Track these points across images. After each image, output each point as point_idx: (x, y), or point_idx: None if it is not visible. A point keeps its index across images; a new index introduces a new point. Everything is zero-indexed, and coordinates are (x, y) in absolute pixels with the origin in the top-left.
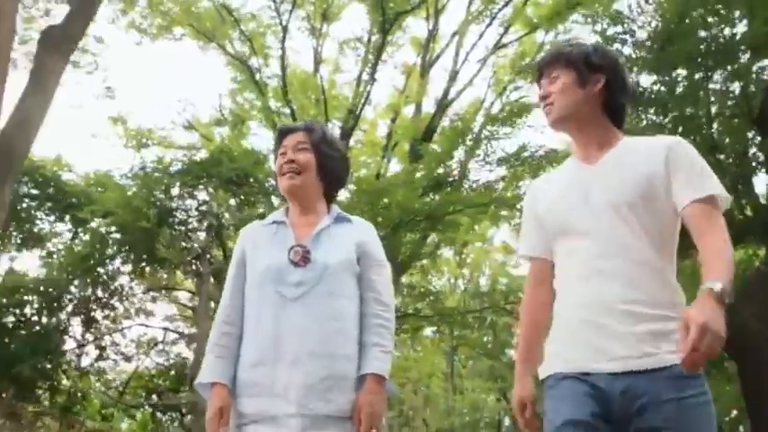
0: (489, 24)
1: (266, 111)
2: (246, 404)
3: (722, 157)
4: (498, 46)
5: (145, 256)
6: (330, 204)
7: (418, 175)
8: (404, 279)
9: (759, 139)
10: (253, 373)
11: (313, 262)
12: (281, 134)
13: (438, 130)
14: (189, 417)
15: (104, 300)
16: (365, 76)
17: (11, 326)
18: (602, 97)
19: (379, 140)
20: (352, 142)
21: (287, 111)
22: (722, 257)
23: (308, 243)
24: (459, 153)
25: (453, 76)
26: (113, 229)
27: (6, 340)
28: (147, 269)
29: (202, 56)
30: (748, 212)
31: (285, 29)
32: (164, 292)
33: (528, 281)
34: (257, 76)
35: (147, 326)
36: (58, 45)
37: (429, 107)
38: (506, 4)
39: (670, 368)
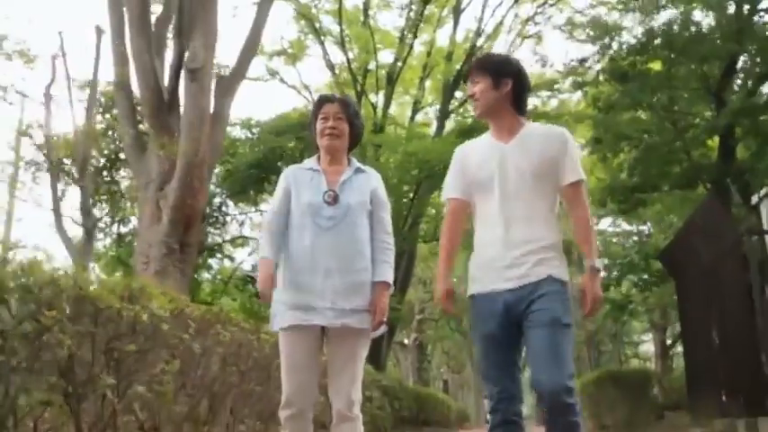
0: None
1: (326, 57)
2: (293, 296)
3: (683, 123)
4: None
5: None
6: (349, 157)
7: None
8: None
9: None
10: (298, 276)
11: (340, 202)
12: (322, 102)
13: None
14: None
15: (214, 216)
16: (408, 34)
17: None
18: (511, 95)
19: (417, 71)
20: None
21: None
22: (591, 237)
23: (337, 188)
24: None
25: (479, 32)
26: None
27: None
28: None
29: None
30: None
31: None
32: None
33: (450, 212)
34: (317, 25)
35: (245, 237)
36: (227, 90)
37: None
38: None
39: (548, 278)
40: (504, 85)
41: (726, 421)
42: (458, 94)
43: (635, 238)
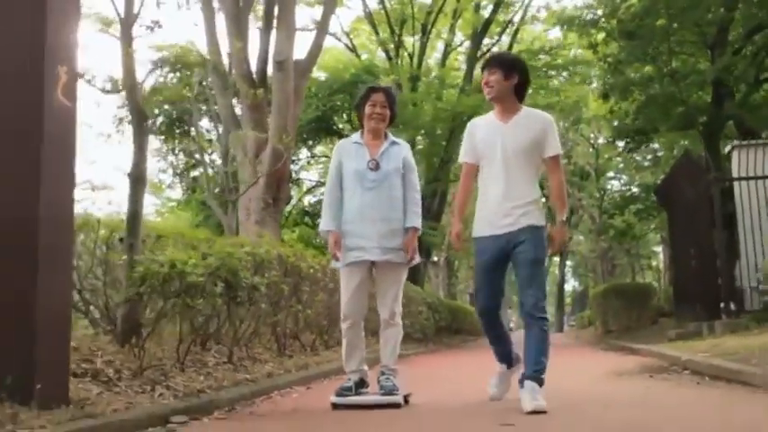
0: None
1: (369, 15)
2: (349, 240)
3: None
4: None
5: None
6: (386, 131)
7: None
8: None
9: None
10: (351, 225)
11: (381, 169)
12: (372, 90)
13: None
14: None
15: None
16: None
17: None
18: (516, 86)
19: (448, 18)
20: None
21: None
22: (563, 197)
23: (378, 157)
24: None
25: None
26: None
27: None
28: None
29: None
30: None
31: None
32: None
33: (464, 174)
34: None
35: (300, 178)
36: (304, 72)
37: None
38: None
39: (528, 226)
40: (512, 78)
41: (695, 324)
42: (486, 40)
43: (649, 156)
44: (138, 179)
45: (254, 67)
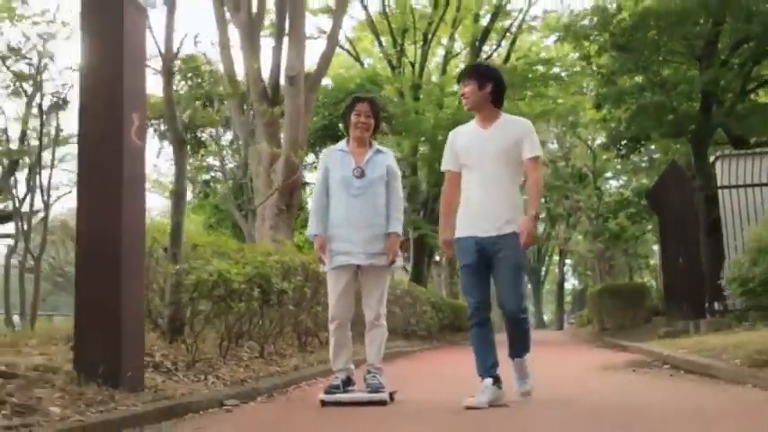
0: None
1: (372, 24)
2: (336, 245)
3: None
4: None
5: None
6: (371, 140)
7: None
8: None
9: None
10: (338, 230)
11: (366, 176)
12: (357, 100)
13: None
14: None
15: None
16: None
17: None
18: (491, 94)
19: (448, 27)
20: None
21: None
22: (537, 194)
23: (363, 165)
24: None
25: None
26: None
27: None
28: None
29: None
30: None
31: None
32: None
33: (448, 181)
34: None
35: (307, 182)
36: (313, 85)
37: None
38: None
39: (511, 233)
40: (486, 88)
41: (683, 322)
42: (485, 47)
43: (646, 158)
44: (179, 196)
45: (265, 75)
